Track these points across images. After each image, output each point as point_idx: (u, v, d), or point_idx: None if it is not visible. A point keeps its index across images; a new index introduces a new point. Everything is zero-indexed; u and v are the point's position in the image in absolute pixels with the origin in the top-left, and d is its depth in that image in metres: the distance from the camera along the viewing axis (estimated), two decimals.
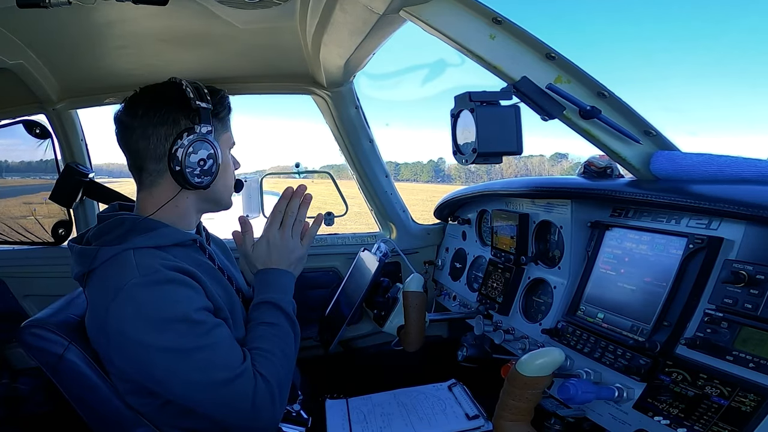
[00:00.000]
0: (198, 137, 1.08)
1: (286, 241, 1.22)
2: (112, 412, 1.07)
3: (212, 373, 0.99)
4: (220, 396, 1.00)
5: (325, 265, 2.02)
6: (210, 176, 1.11)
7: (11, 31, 1.29)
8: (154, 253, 1.05)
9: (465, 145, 0.97)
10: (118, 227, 1.08)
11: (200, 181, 1.10)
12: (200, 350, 0.98)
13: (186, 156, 1.07)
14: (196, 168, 1.08)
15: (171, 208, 1.14)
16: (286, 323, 1.15)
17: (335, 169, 2.64)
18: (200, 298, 1.04)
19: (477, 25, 0.97)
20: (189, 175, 1.08)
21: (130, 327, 0.97)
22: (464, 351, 1.65)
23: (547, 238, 1.44)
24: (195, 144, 1.07)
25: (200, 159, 1.08)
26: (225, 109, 1.19)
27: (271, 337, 1.11)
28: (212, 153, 1.09)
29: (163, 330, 0.97)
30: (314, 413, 1.44)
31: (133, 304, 0.97)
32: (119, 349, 1.00)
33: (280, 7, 1.15)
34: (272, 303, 1.15)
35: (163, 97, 1.11)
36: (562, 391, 0.97)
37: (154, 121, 1.09)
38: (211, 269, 1.16)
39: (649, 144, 1.10)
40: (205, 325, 1.01)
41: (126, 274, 0.99)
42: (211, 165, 1.10)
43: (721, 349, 0.85)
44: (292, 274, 1.23)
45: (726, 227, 0.94)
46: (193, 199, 1.17)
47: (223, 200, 1.23)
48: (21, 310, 1.89)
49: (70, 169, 1.83)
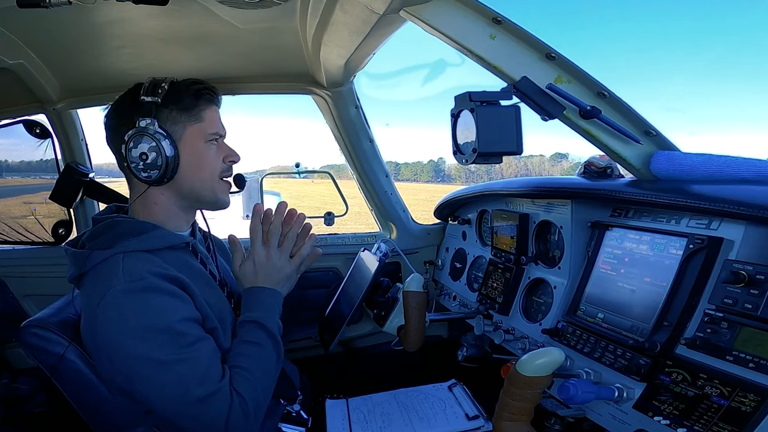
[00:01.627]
0: (136, 131, 1.07)
1: (272, 259, 1.20)
2: (112, 412, 1.07)
3: (188, 388, 0.98)
4: (194, 412, 0.99)
5: (325, 265, 2.02)
6: (157, 169, 1.08)
7: (11, 31, 1.29)
8: (145, 257, 1.04)
9: (465, 145, 0.97)
10: (110, 230, 1.08)
11: (147, 176, 1.09)
12: (179, 363, 0.98)
13: (128, 151, 1.08)
14: (139, 162, 1.08)
15: (151, 207, 1.14)
16: (269, 343, 1.13)
17: (335, 168, 2.64)
18: (187, 308, 1.04)
19: (477, 25, 0.97)
20: (135, 170, 1.09)
21: (113, 332, 0.97)
22: (464, 351, 1.65)
23: (547, 238, 1.44)
24: (134, 139, 1.07)
25: (141, 153, 1.07)
26: (189, 97, 1.12)
27: (252, 356, 1.10)
28: (154, 146, 1.07)
29: (144, 339, 0.96)
30: (314, 413, 1.43)
31: (117, 310, 0.97)
32: (105, 353, 1.00)
33: (280, 7, 1.15)
34: (257, 323, 1.14)
35: (125, 97, 1.13)
36: (562, 391, 0.97)
37: (117, 122, 1.11)
38: (202, 274, 1.16)
39: (649, 144, 1.10)
40: (187, 338, 1.00)
41: (112, 279, 0.99)
42: (155, 158, 1.07)
43: (721, 349, 0.85)
44: (279, 293, 1.20)
45: (726, 227, 0.94)
46: (168, 196, 1.15)
47: (204, 196, 1.17)
48: (21, 309, 1.89)
49: (70, 169, 1.83)
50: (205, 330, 1.06)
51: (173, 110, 1.10)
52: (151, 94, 1.08)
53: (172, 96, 1.10)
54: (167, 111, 1.10)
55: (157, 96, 1.08)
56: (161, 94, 1.09)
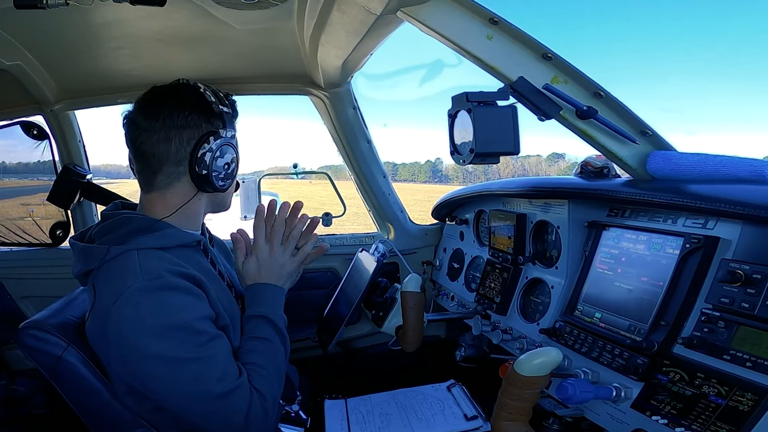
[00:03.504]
0: (224, 141, 1.10)
1: (275, 256, 1.21)
2: (111, 415, 1.06)
3: (208, 384, 0.98)
4: (214, 408, 0.99)
5: (324, 266, 2.02)
6: (231, 179, 1.16)
7: (8, 32, 1.29)
8: (159, 255, 1.04)
9: (462, 146, 0.97)
10: (123, 226, 1.07)
11: (223, 185, 1.13)
12: (198, 361, 0.98)
13: (213, 160, 1.09)
14: (222, 172, 1.11)
15: (182, 210, 1.14)
16: (277, 338, 1.15)
17: (333, 169, 2.64)
18: (203, 306, 1.04)
19: (474, 26, 0.98)
20: (214, 178, 1.11)
21: (129, 331, 0.96)
22: (462, 351, 1.65)
23: (544, 238, 1.45)
24: (222, 148, 1.10)
25: (225, 163, 1.11)
26: (236, 113, 1.20)
27: (264, 352, 1.11)
28: (235, 157, 1.14)
29: (162, 337, 0.96)
30: (313, 413, 1.43)
31: (134, 309, 0.96)
32: (117, 352, 0.99)
33: (277, 7, 1.15)
34: (264, 317, 1.15)
35: (183, 101, 1.10)
36: (560, 390, 0.97)
37: (177, 123, 1.08)
38: (213, 273, 1.16)
39: (646, 144, 1.11)
40: (205, 335, 1.00)
41: (129, 277, 0.98)
42: (233, 169, 1.14)
43: (719, 349, 0.85)
44: (281, 289, 1.21)
45: (722, 227, 0.95)
46: (205, 202, 1.19)
47: (228, 202, 1.26)
48: (19, 311, 1.89)
49: (68, 171, 1.83)
50: (217, 327, 1.06)
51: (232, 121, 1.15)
52: (224, 105, 1.12)
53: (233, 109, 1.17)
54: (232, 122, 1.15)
55: (229, 107, 1.14)
56: (231, 105, 1.15)
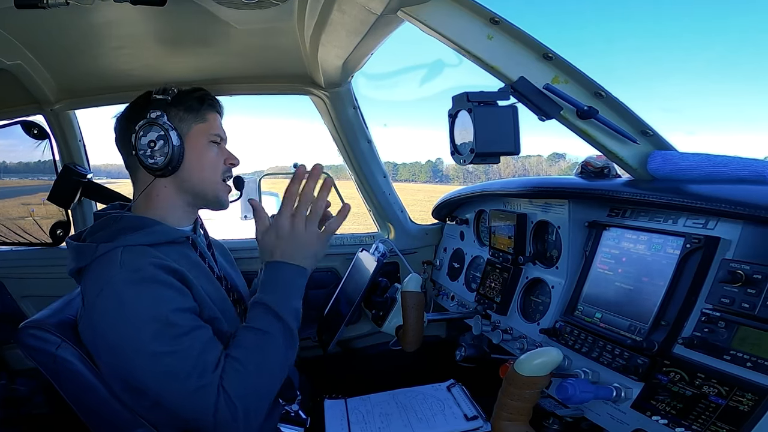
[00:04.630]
0: (146, 122, 1.12)
1: (297, 231, 1.10)
2: (110, 413, 1.07)
3: (177, 379, 0.99)
4: (186, 402, 1.00)
5: (324, 266, 2.02)
6: (163, 156, 1.12)
7: (9, 32, 1.29)
8: (143, 251, 1.06)
9: (463, 146, 0.97)
10: (112, 225, 1.11)
11: (154, 162, 1.13)
12: (169, 355, 0.98)
13: (137, 139, 1.12)
14: (147, 149, 1.12)
15: (153, 200, 1.17)
16: (278, 331, 1.06)
17: (333, 169, 2.63)
18: (183, 299, 1.04)
19: (474, 26, 0.98)
20: (142, 157, 1.12)
21: (111, 323, 0.99)
22: (462, 351, 1.65)
23: (544, 238, 1.44)
24: (144, 128, 1.12)
25: (150, 140, 1.12)
26: (194, 100, 1.19)
27: (251, 347, 1.04)
28: (162, 134, 1.12)
29: (139, 329, 0.98)
30: (313, 413, 1.43)
31: (115, 301, 0.99)
32: (103, 345, 1.02)
33: (277, 7, 1.15)
34: (265, 306, 1.07)
35: (138, 100, 1.20)
36: (560, 390, 0.97)
37: (129, 119, 1.17)
38: (201, 266, 1.17)
39: (646, 144, 1.10)
40: (179, 329, 1.00)
41: (111, 271, 1.01)
42: (162, 146, 1.12)
43: (719, 349, 0.85)
44: (302, 269, 1.10)
45: (723, 227, 0.94)
46: (171, 189, 1.18)
47: (206, 193, 1.20)
48: (19, 311, 1.89)
49: (68, 170, 1.83)
50: (203, 319, 1.07)
51: (180, 110, 1.17)
52: (162, 94, 1.17)
53: (180, 98, 1.18)
54: (175, 110, 1.17)
55: (168, 95, 1.17)
56: (171, 95, 1.17)
